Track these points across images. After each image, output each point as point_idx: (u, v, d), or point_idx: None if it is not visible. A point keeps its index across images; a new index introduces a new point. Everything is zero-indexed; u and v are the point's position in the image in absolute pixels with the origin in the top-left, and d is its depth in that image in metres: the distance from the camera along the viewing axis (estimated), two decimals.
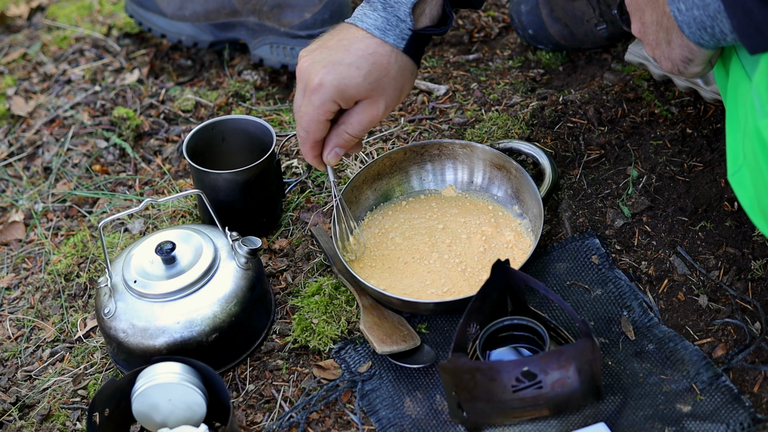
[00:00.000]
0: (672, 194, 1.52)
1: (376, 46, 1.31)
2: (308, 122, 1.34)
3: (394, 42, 1.31)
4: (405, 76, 1.33)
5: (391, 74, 1.31)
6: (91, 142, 1.87)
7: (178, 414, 1.32)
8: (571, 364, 1.21)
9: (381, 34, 1.31)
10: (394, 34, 1.31)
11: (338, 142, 1.36)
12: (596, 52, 1.78)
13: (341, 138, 1.35)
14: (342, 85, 1.30)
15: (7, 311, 1.62)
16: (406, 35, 1.31)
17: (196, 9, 1.91)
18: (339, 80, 1.30)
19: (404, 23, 1.31)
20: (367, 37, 1.31)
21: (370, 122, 1.34)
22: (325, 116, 1.33)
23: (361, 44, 1.31)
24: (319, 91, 1.31)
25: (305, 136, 1.35)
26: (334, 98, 1.31)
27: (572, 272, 1.46)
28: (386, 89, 1.32)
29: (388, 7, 1.31)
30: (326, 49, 1.32)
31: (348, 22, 1.34)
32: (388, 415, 1.35)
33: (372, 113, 1.33)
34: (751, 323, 1.36)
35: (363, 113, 1.33)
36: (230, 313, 1.40)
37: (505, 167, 1.53)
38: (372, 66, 1.30)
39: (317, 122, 1.33)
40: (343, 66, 1.30)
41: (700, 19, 1.10)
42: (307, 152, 1.38)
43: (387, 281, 1.46)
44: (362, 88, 1.31)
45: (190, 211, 1.68)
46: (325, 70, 1.30)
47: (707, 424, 1.26)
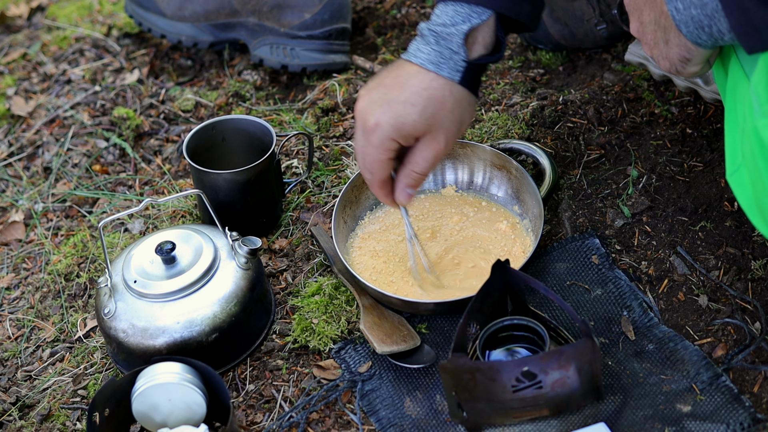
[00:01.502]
0: (672, 194, 1.52)
1: (430, 80, 1.28)
2: (371, 163, 1.32)
3: (449, 75, 1.28)
4: (463, 108, 1.31)
5: (447, 107, 1.29)
6: (91, 142, 1.87)
7: (178, 414, 1.32)
8: (571, 364, 1.21)
9: (435, 68, 1.28)
10: (448, 67, 1.28)
11: (408, 182, 1.35)
12: (596, 52, 1.78)
13: (410, 178, 1.34)
14: (398, 123, 1.28)
15: (7, 311, 1.62)
16: (461, 67, 1.28)
17: (196, 9, 1.91)
18: (395, 119, 1.28)
19: (458, 55, 1.28)
20: (420, 72, 1.29)
21: (435, 158, 1.32)
22: (387, 155, 1.31)
23: (415, 80, 1.29)
24: (376, 132, 1.29)
25: (371, 178, 1.34)
26: (392, 137, 1.29)
27: (572, 272, 1.46)
28: (444, 122, 1.30)
29: (440, 40, 1.28)
30: (382, 87, 1.31)
31: (403, 58, 1.32)
32: (388, 415, 1.35)
33: (435, 149, 1.31)
34: (751, 323, 1.36)
35: (426, 150, 1.31)
36: (230, 313, 1.40)
37: (505, 167, 1.54)
38: (427, 101, 1.28)
39: (380, 162, 1.32)
40: (398, 104, 1.28)
41: (698, 18, 1.10)
42: (377, 192, 1.37)
43: (386, 280, 1.46)
44: (419, 125, 1.29)
45: (190, 211, 1.68)
46: (381, 110, 1.29)
47: (707, 424, 1.26)
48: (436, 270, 1.46)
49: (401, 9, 2.00)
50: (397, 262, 1.49)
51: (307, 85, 1.88)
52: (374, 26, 1.98)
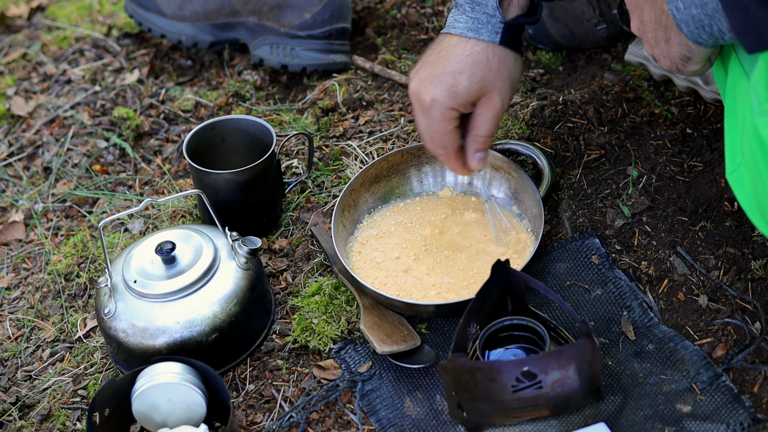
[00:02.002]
0: (672, 194, 1.52)
1: (471, 46, 1.34)
2: (440, 138, 1.38)
3: (489, 38, 1.34)
4: (509, 66, 1.36)
5: (493, 68, 1.35)
6: (91, 142, 1.87)
7: (178, 414, 1.32)
8: (571, 364, 1.21)
9: (474, 34, 1.34)
10: (487, 31, 1.34)
11: (476, 147, 1.40)
12: (596, 52, 1.78)
13: (477, 142, 1.40)
14: (452, 93, 1.34)
15: (7, 311, 1.62)
16: (499, 29, 1.34)
17: (196, 9, 1.91)
18: (448, 90, 1.34)
19: (494, 18, 1.34)
20: (461, 41, 1.35)
21: (495, 117, 1.38)
22: (452, 125, 1.37)
23: (457, 50, 1.35)
24: (434, 106, 1.35)
25: (445, 153, 1.40)
26: (450, 106, 1.35)
27: (572, 272, 1.46)
28: (495, 83, 1.35)
29: (476, 7, 1.35)
30: (428, 65, 1.37)
31: (443, 32, 1.38)
32: (388, 415, 1.35)
33: (492, 109, 1.37)
34: (751, 323, 1.36)
35: (485, 113, 1.37)
36: (230, 313, 1.40)
37: (504, 168, 1.53)
38: (473, 66, 1.34)
39: (447, 134, 1.38)
40: (447, 75, 1.34)
41: (698, 17, 1.10)
42: (453, 164, 1.42)
43: (386, 283, 1.46)
44: (472, 90, 1.34)
45: (190, 211, 1.68)
46: (432, 86, 1.35)
47: (707, 424, 1.26)
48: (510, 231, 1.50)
49: (401, 9, 2.00)
50: (397, 263, 1.49)
51: (307, 85, 1.88)
52: (374, 26, 1.98)
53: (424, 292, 1.44)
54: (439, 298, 1.43)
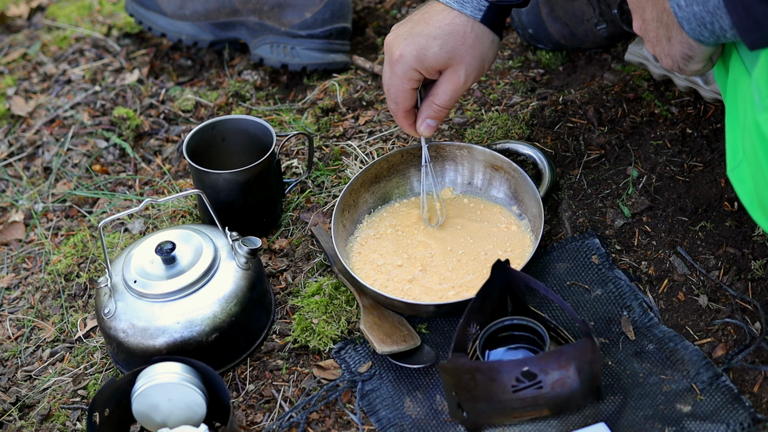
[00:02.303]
0: (672, 194, 1.52)
1: (453, 17, 1.37)
2: (395, 92, 1.41)
3: (471, 13, 1.37)
4: (484, 45, 1.39)
5: (468, 42, 1.37)
6: (91, 142, 1.87)
7: (178, 414, 1.32)
8: (571, 364, 1.21)
9: (459, 6, 1.37)
10: (471, 6, 1.37)
11: (429, 114, 1.43)
12: (596, 52, 1.78)
13: (431, 109, 1.42)
14: (420, 55, 1.37)
15: (7, 311, 1.62)
16: (483, 6, 1.37)
17: (197, 8, 1.91)
18: (417, 50, 1.37)
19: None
20: (445, 9, 1.38)
21: (455, 91, 1.40)
22: (410, 84, 1.40)
23: (439, 16, 1.38)
24: (400, 62, 1.38)
25: (395, 108, 1.43)
26: (414, 67, 1.38)
27: (572, 272, 1.46)
28: (465, 57, 1.38)
29: None
30: (410, 23, 1.40)
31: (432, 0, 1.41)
32: (388, 415, 1.35)
33: (455, 82, 1.39)
34: (751, 323, 1.36)
35: (447, 83, 1.40)
36: (230, 313, 1.40)
37: (504, 168, 1.53)
38: (448, 36, 1.37)
39: (403, 91, 1.41)
40: (422, 37, 1.37)
41: (700, 15, 1.10)
42: (401, 122, 1.45)
43: (386, 283, 1.46)
44: (440, 57, 1.37)
45: (190, 211, 1.68)
46: (405, 42, 1.38)
47: (707, 424, 1.26)
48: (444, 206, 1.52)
49: (401, 9, 2.00)
50: (397, 263, 1.49)
51: (307, 85, 1.88)
52: (374, 26, 1.98)
53: (425, 292, 1.44)
54: (440, 298, 1.43)
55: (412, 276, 1.47)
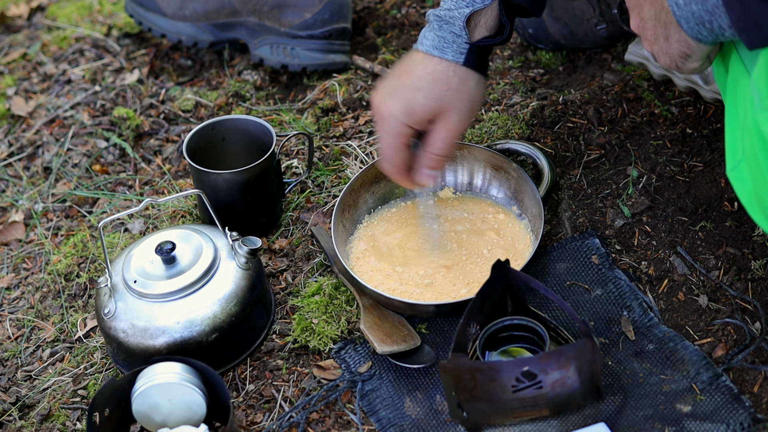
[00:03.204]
0: (672, 194, 1.52)
1: (434, 64, 1.34)
2: (388, 152, 1.38)
3: (453, 57, 1.34)
4: (470, 87, 1.35)
5: (453, 87, 1.34)
6: (91, 142, 1.87)
7: (178, 414, 1.32)
8: (571, 364, 1.21)
9: (439, 53, 1.34)
10: (452, 50, 1.34)
11: (427, 164, 1.39)
12: (596, 52, 1.78)
13: (428, 159, 1.38)
14: (408, 109, 1.33)
15: (7, 311, 1.62)
16: (464, 49, 1.33)
17: (197, 9, 1.91)
18: (404, 105, 1.34)
19: (460, 38, 1.33)
20: (425, 57, 1.35)
21: (449, 138, 1.36)
22: (402, 141, 1.36)
23: (420, 66, 1.35)
24: (389, 120, 1.35)
25: (391, 168, 1.39)
26: (403, 122, 1.34)
27: (572, 272, 1.46)
28: (453, 102, 1.34)
29: (444, 25, 1.34)
30: (392, 79, 1.37)
31: (414, 48, 1.38)
32: (388, 415, 1.35)
33: (448, 128, 1.36)
34: (751, 323, 1.36)
35: (440, 131, 1.36)
36: (230, 313, 1.40)
37: (504, 168, 1.53)
38: (432, 84, 1.34)
39: (396, 150, 1.37)
40: (406, 90, 1.34)
41: (699, 14, 1.10)
42: (399, 180, 1.42)
43: (386, 283, 1.46)
44: (428, 107, 1.34)
45: (190, 211, 1.68)
46: (391, 99, 1.35)
47: (707, 424, 1.26)
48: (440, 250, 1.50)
49: (401, 9, 2.00)
50: (397, 263, 1.49)
51: (307, 85, 1.88)
52: (374, 26, 1.98)
53: (425, 292, 1.44)
54: (439, 298, 1.43)
55: (407, 266, 1.47)
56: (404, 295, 1.44)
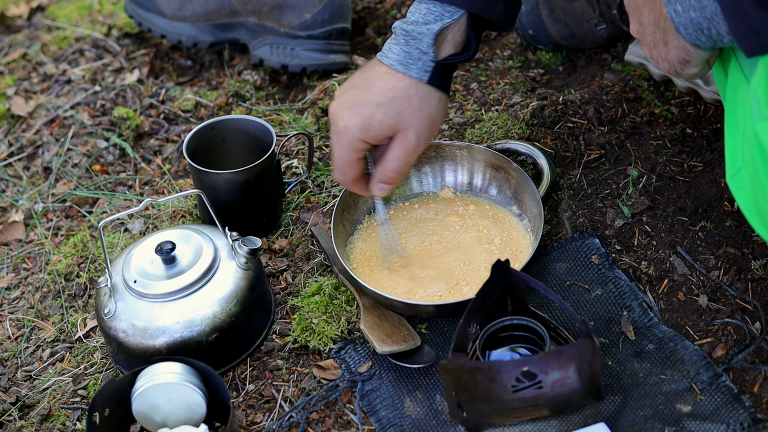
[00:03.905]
0: (672, 194, 1.52)
1: (396, 80, 1.31)
2: (341, 165, 1.37)
3: (417, 75, 1.31)
4: (431, 105, 1.33)
5: (413, 105, 1.32)
6: (91, 142, 1.87)
7: (178, 414, 1.32)
8: (571, 364, 1.21)
9: (403, 69, 1.31)
10: (417, 67, 1.31)
11: (382, 179, 1.38)
12: (596, 52, 1.78)
13: (384, 175, 1.38)
14: (366, 125, 1.32)
15: (7, 311, 1.62)
16: (429, 67, 1.31)
17: (196, 9, 1.91)
18: (362, 120, 1.32)
19: (426, 55, 1.31)
20: (388, 72, 1.32)
21: (406, 155, 1.35)
22: (356, 155, 1.35)
23: (382, 81, 1.32)
24: (345, 134, 1.33)
25: (343, 178, 1.38)
26: (360, 138, 1.33)
27: (572, 272, 1.46)
28: (412, 120, 1.32)
29: (410, 40, 1.31)
30: (353, 89, 1.34)
31: (377, 57, 1.35)
32: (388, 415, 1.35)
33: (405, 146, 1.34)
34: (751, 323, 1.36)
35: (397, 148, 1.34)
36: (230, 313, 1.40)
37: (504, 168, 1.53)
38: (392, 101, 1.31)
39: (349, 163, 1.36)
40: (365, 105, 1.32)
41: (697, 20, 1.10)
42: (351, 189, 1.42)
43: (386, 283, 1.46)
44: (386, 124, 1.32)
45: (190, 211, 1.68)
46: (349, 112, 1.32)
47: (707, 424, 1.26)
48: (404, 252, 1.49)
49: (401, 9, 2.00)
50: (397, 263, 1.49)
51: (307, 85, 1.88)
52: (374, 26, 1.98)
53: (425, 292, 1.44)
54: (439, 298, 1.43)
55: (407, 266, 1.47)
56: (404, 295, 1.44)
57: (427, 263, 1.48)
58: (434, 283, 1.45)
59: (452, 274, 1.46)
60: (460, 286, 1.45)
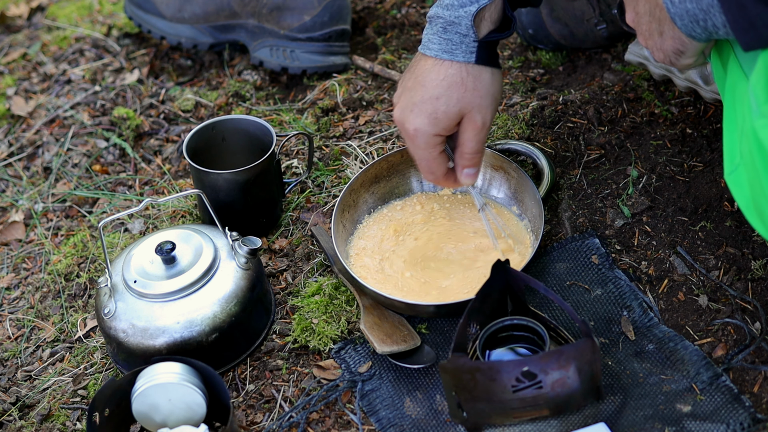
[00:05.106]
0: (672, 194, 1.52)
1: (446, 69, 1.34)
2: (427, 165, 1.39)
3: (464, 59, 1.33)
4: (486, 82, 1.35)
5: (469, 87, 1.34)
6: (91, 142, 1.87)
7: (178, 414, 1.32)
8: (571, 364, 1.21)
9: (449, 56, 1.34)
10: (461, 51, 1.33)
11: (464, 164, 1.40)
12: (596, 52, 1.78)
13: (464, 159, 1.39)
14: (433, 120, 1.34)
15: (7, 311, 1.62)
16: (473, 48, 1.33)
17: (195, 11, 1.91)
18: (428, 117, 1.34)
19: (468, 37, 1.33)
20: (437, 64, 1.35)
21: (478, 134, 1.37)
22: (437, 151, 1.38)
23: (432, 74, 1.35)
24: (418, 136, 1.36)
25: (434, 177, 1.41)
26: (433, 133, 1.35)
27: (572, 272, 1.46)
28: (473, 101, 1.35)
29: (448, 26, 1.33)
30: (408, 92, 1.37)
31: (419, 51, 1.38)
32: (388, 415, 1.35)
33: (474, 127, 1.36)
34: (751, 323, 1.36)
35: (468, 131, 1.37)
36: (230, 313, 1.40)
37: (504, 168, 1.53)
38: (449, 90, 1.34)
39: (433, 160, 1.38)
40: (426, 103, 1.34)
41: (693, 12, 1.10)
42: (444, 184, 1.44)
43: (386, 283, 1.46)
44: (451, 113, 1.34)
45: (190, 211, 1.68)
46: (413, 115, 1.35)
47: (707, 424, 1.26)
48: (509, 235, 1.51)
49: (401, 9, 2.00)
50: (396, 264, 1.49)
51: (307, 85, 1.88)
52: (374, 26, 1.98)
53: (425, 292, 1.44)
54: (439, 298, 1.43)
55: (407, 266, 1.47)
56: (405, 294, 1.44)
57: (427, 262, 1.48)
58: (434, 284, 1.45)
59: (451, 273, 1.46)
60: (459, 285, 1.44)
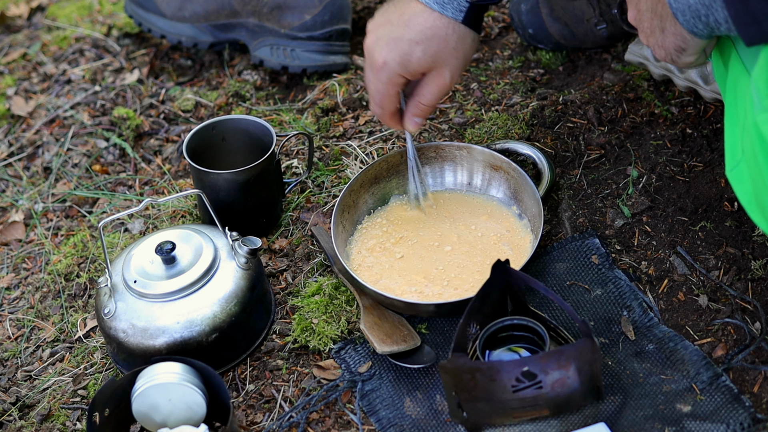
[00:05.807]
0: (672, 194, 1.52)
1: (434, 19, 1.37)
2: (380, 99, 1.42)
3: (453, 15, 1.37)
4: (466, 45, 1.39)
5: (450, 45, 1.37)
6: (91, 142, 1.87)
7: (178, 414, 1.32)
8: (571, 364, 1.21)
9: (440, 8, 1.36)
10: (452, 7, 1.36)
11: (415, 112, 1.44)
12: (596, 52, 1.78)
13: (418, 108, 1.44)
14: (405, 61, 1.37)
15: (7, 311, 1.62)
16: (464, 7, 1.36)
17: (196, 10, 1.91)
18: (401, 56, 1.37)
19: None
20: (425, 11, 1.37)
21: (440, 91, 1.41)
22: (395, 89, 1.41)
23: (419, 18, 1.37)
24: (384, 69, 1.38)
25: (381, 112, 1.44)
26: (399, 73, 1.38)
27: (572, 272, 1.46)
28: (449, 59, 1.38)
29: None
30: (389, 25, 1.39)
31: None
32: (388, 415, 1.35)
33: (440, 83, 1.40)
34: (751, 323, 1.36)
35: (432, 84, 1.40)
36: (230, 313, 1.40)
37: (503, 168, 1.53)
38: (430, 39, 1.37)
39: (388, 97, 1.42)
40: (404, 42, 1.37)
41: (695, 7, 1.10)
42: (387, 122, 1.47)
43: (386, 283, 1.46)
44: (424, 62, 1.37)
45: (190, 211, 1.68)
46: (388, 48, 1.38)
47: (707, 424, 1.26)
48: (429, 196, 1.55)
49: None
50: (396, 264, 1.49)
51: (307, 85, 1.88)
52: None
53: (424, 291, 1.44)
54: (439, 298, 1.43)
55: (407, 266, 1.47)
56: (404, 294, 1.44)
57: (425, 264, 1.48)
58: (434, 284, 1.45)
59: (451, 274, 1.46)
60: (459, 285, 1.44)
